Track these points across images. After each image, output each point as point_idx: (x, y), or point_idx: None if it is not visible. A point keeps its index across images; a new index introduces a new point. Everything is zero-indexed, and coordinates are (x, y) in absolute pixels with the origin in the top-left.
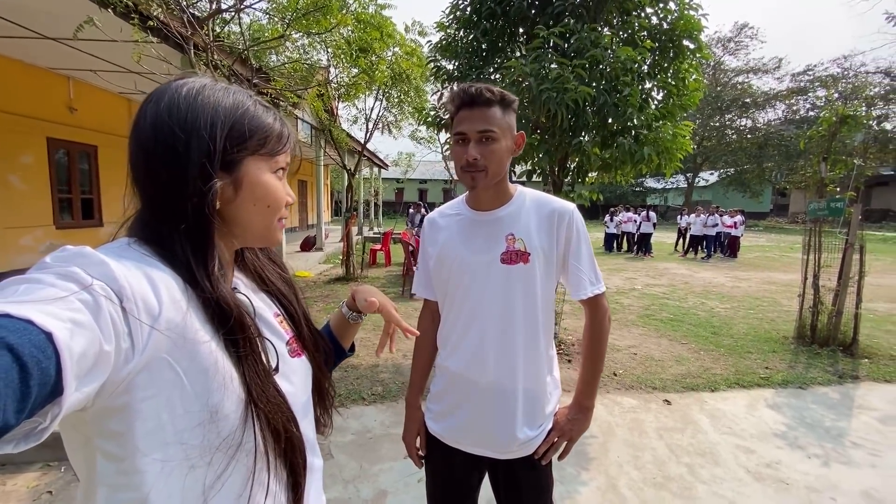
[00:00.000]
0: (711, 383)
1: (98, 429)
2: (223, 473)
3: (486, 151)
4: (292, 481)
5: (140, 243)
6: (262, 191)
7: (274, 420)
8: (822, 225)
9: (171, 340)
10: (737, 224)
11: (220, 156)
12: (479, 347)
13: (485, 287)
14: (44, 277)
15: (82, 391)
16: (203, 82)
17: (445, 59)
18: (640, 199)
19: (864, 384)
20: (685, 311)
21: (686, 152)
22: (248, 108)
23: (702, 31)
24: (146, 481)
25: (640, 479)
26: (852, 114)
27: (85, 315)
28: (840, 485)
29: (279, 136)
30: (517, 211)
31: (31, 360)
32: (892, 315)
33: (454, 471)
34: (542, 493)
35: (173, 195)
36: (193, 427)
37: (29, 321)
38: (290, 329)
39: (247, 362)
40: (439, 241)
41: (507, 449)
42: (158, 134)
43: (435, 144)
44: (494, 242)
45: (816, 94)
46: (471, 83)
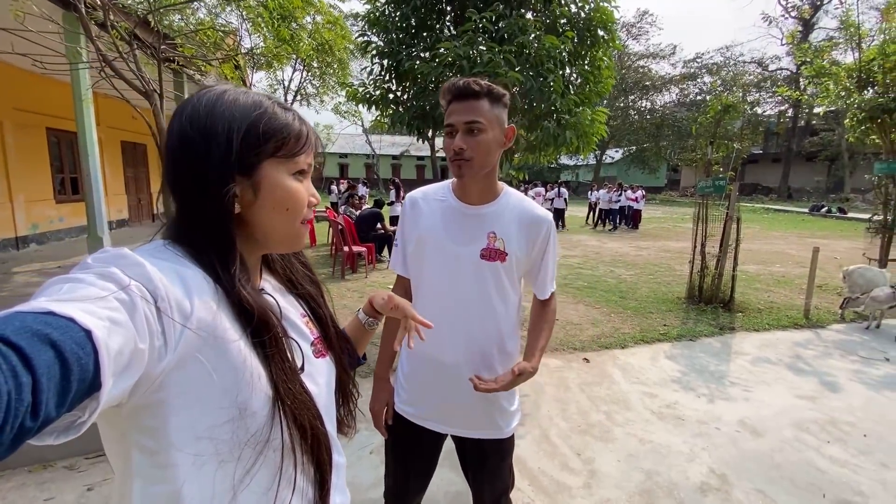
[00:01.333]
0: (621, 341)
1: (133, 423)
2: (252, 468)
3: (472, 142)
4: (319, 477)
5: (174, 244)
6: (281, 194)
7: (300, 417)
8: (708, 199)
9: (202, 339)
10: (638, 198)
11: (238, 159)
12: (452, 334)
13: (461, 278)
14: (85, 277)
15: (119, 387)
16: (224, 89)
17: (374, 34)
18: (555, 175)
19: (738, 334)
20: (597, 279)
21: (601, 136)
22: (265, 109)
23: (615, 23)
24: (179, 475)
25: (568, 428)
26: (734, 103)
27: (122, 314)
28: (722, 416)
29: (297, 136)
30: (501, 211)
31: (72, 357)
32: (759, 275)
33: (419, 446)
34: (506, 456)
35: (196, 198)
36: (223, 423)
37: (71, 319)
38: (315, 330)
39: (273, 361)
40: (421, 225)
41: (481, 429)
42: (182, 143)
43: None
44: (476, 237)
45: (704, 80)
46: (460, 77)
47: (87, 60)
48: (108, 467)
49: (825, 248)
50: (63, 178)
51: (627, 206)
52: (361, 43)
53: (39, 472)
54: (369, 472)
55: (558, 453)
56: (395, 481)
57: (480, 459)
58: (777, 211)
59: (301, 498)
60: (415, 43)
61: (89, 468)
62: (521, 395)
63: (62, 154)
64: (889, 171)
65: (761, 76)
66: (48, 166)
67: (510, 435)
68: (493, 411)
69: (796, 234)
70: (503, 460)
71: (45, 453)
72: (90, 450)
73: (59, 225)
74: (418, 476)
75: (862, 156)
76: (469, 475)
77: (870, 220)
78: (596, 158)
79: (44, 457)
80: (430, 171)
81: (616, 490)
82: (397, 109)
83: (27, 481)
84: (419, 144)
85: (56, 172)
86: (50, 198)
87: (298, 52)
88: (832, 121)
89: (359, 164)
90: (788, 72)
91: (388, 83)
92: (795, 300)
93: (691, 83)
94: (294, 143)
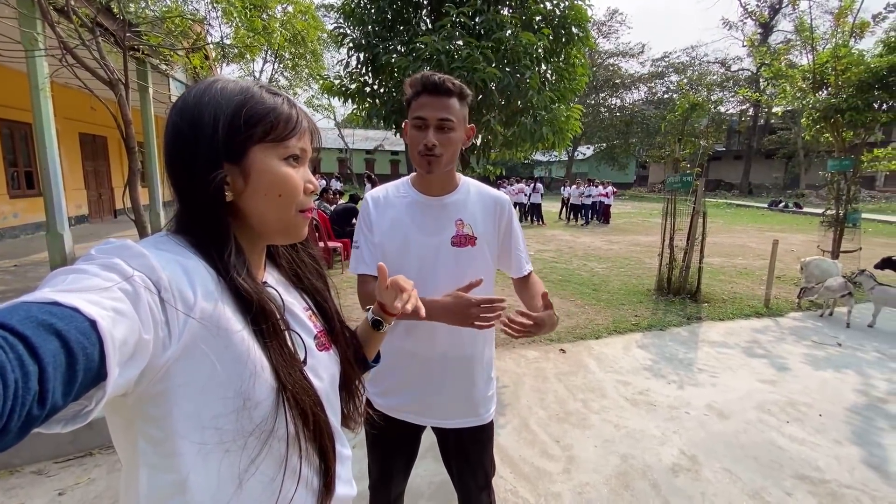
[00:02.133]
0: (595, 332)
1: (139, 413)
2: (257, 458)
3: (443, 139)
4: (323, 466)
5: (176, 235)
6: (270, 179)
7: (302, 402)
8: (676, 195)
9: (205, 329)
10: (608, 194)
11: (224, 145)
12: (430, 325)
13: (435, 267)
14: (89, 268)
15: (124, 377)
16: (215, 79)
17: (349, 26)
18: (528, 171)
19: (705, 323)
20: (571, 272)
21: (576, 132)
22: (251, 94)
23: (588, 21)
24: (185, 463)
25: (546, 417)
26: (700, 102)
27: (126, 304)
28: (692, 401)
29: (287, 119)
30: (464, 198)
31: (78, 346)
32: (723, 267)
33: (398, 438)
34: (487, 444)
35: (188, 187)
36: (228, 413)
37: (75, 309)
38: (319, 324)
39: (273, 349)
40: (387, 220)
41: (460, 417)
42: (174, 134)
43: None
44: (444, 226)
45: (671, 79)
46: (433, 72)
47: (44, 48)
48: (79, 471)
49: (783, 241)
50: (16, 172)
51: (598, 201)
52: (337, 35)
53: (6, 478)
54: (354, 464)
55: (538, 441)
56: (378, 472)
57: (462, 449)
58: (739, 206)
59: (306, 487)
60: (391, 36)
61: (59, 472)
62: (500, 386)
63: (16, 146)
64: (840, 168)
65: (724, 76)
66: (0, 160)
67: (489, 421)
68: (470, 399)
69: (756, 227)
70: (484, 448)
71: (10, 459)
72: (60, 454)
73: (14, 221)
74: (399, 466)
75: (816, 153)
76: (451, 466)
77: (823, 214)
78: (568, 155)
79: (9, 462)
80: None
81: (594, 474)
82: (374, 103)
83: None
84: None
85: (9, 166)
86: (3, 192)
87: (271, 43)
88: (789, 120)
89: (331, 159)
90: (749, 72)
91: (365, 76)
92: (756, 290)
93: (659, 82)
94: (283, 127)
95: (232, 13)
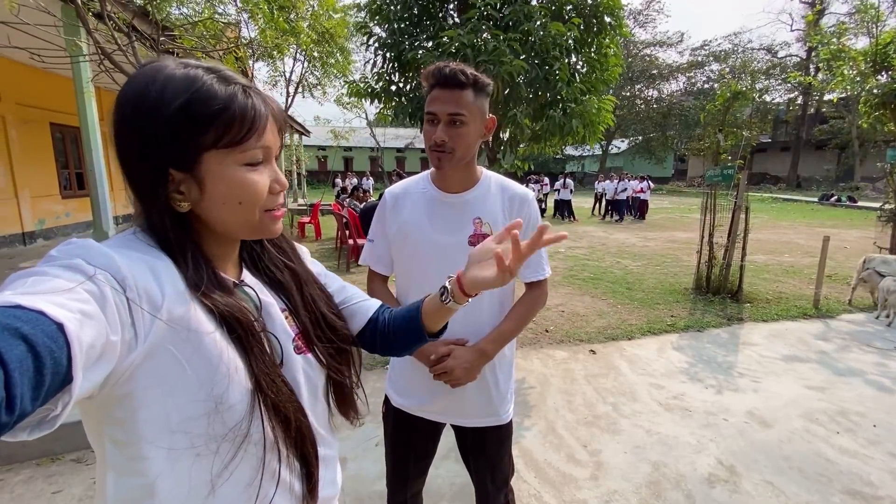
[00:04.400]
0: (628, 333)
1: (104, 415)
2: (231, 463)
3: (454, 134)
4: (305, 471)
5: (142, 233)
6: (228, 188)
7: (284, 409)
8: (716, 189)
9: (173, 331)
10: (644, 189)
11: (169, 153)
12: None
13: (452, 268)
14: (50, 270)
15: (90, 380)
16: (159, 66)
17: (376, 24)
18: (560, 166)
19: (747, 325)
20: (604, 270)
21: (608, 125)
22: (198, 88)
23: (622, 9)
24: (152, 468)
25: (574, 420)
26: (743, 90)
27: (92, 306)
28: (731, 407)
29: (242, 119)
30: (484, 195)
31: (45, 350)
32: (768, 265)
33: (417, 436)
34: (504, 443)
35: (140, 197)
36: (198, 416)
37: (41, 312)
38: (295, 325)
39: (252, 354)
40: (403, 217)
41: (479, 417)
42: (117, 131)
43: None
44: (462, 225)
45: (711, 69)
46: (446, 63)
47: (87, 53)
48: None
49: (835, 237)
50: (68, 174)
51: (634, 196)
52: (363, 33)
53: (47, 466)
54: (375, 464)
55: (564, 445)
56: (395, 469)
57: (480, 448)
58: (786, 200)
59: (287, 492)
60: (417, 33)
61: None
62: (526, 387)
63: (66, 149)
64: None
65: (770, 63)
66: (53, 161)
67: (508, 420)
68: (489, 399)
69: (805, 223)
70: (502, 447)
71: (52, 447)
72: None
73: (66, 220)
74: (417, 464)
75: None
76: (470, 464)
77: (881, 208)
78: (602, 149)
79: (51, 450)
80: None
81: (623, 482)
82: (400, 101)
83: (35, 474)
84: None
85: (61, 168)
86: (56, 193)
87: (300, 42)
88: (843, 108)
89: (363, 157)
90: (798, 58)
91: (391, 75)
92: (805, 290)
93: (699, 71)
94: (238, 129)
95: (257, 13)
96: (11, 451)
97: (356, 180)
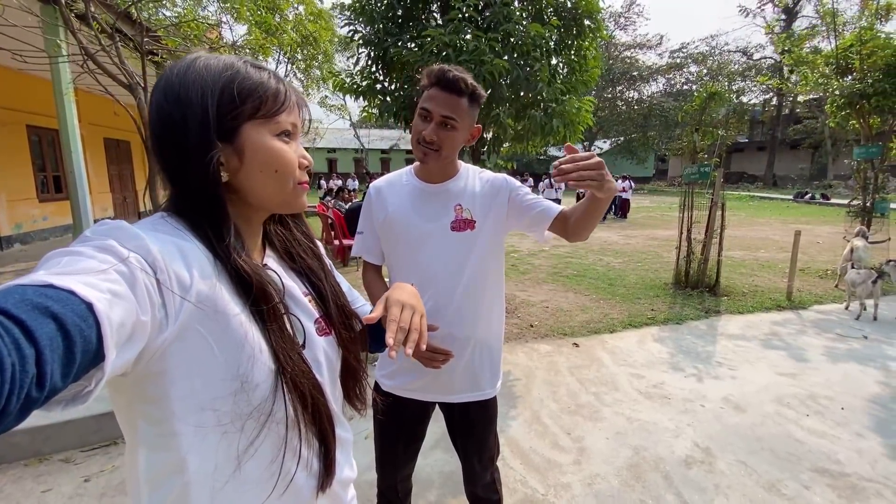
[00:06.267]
0: (610, 326)
1: (138, 393)
2: (255, 440)
3: (443, 135)
4: (323, 449)
5: (172, 216)
6: (265, 156)
7: (301, 385)
8: (694, 187)
9: (202, 312)
10: (625, 189)
11: (216, 124)
12: (433, 309)
13: (436, 253)
14: (84, 250)
15: (122, 358)
16: (195, 56)
17: (360, 23)
18: (544, 167)
19: (724, 317)
20: (586, 267)
21: (587, 125)
22: (237, 70)
23: (600, 13)
24: (182, 444)
25: (558, 410)
26: (719, 91)
27: (122, 287)
28: (707, 394)
29: (275, 95)
30: (464, 184)
31: (74, 329)
32: (744, 260)
33: (406, 418)
34: (490, 423)
35: (182, 171)
36: (225, 395)
37: (71, 291)
38: (318, 307)
39: (273, 332)
40: (388, 208)
41: (465, 392)
42: (160, 116)
43: (346, 112)
44: (444, 211)
45: (690, 70)
46: (451, 67)
47: (67, 54)
48: (104, 460)
49: (808, 232)
50: (45, 177)
51: (616, 196)
52: (348, 32)
53: (35, 466)
54: (365, 455)
55: (549, 433)
56: (384, 453)
57: (467, 425)
58: (762, 198)
59: (306, 469)
60: (400, 32)
61: (85, 460)
62: (512, 380)
63: (44, 152)
64: (867, 155)
65: (746, 65)
66: (30, 165)
67: (493, 396)
68: (476, 375)
69: (781, 220)
70: (489, 425)
71: (39, 447)
72: (86, 443)
73: (43, 224)
74: (407, 447)
75: (845, 143)
76: (458, 443)
77: (849, 204)
78: (584, 149)
79: (39, 450)
80: None
81: (605, 465)
82: (385, 100)
83: (24, 475)
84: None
85: (38, 171)
86: (33, 196)
87: (282, 44)
88: (815, 108)
89: (348, 159)
90: (772, 60)
91: (376, 73)
92: (779, 284)
93: (678, 73)
94: (272, 103)
95: (244, 12)
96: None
97: (340, 182)
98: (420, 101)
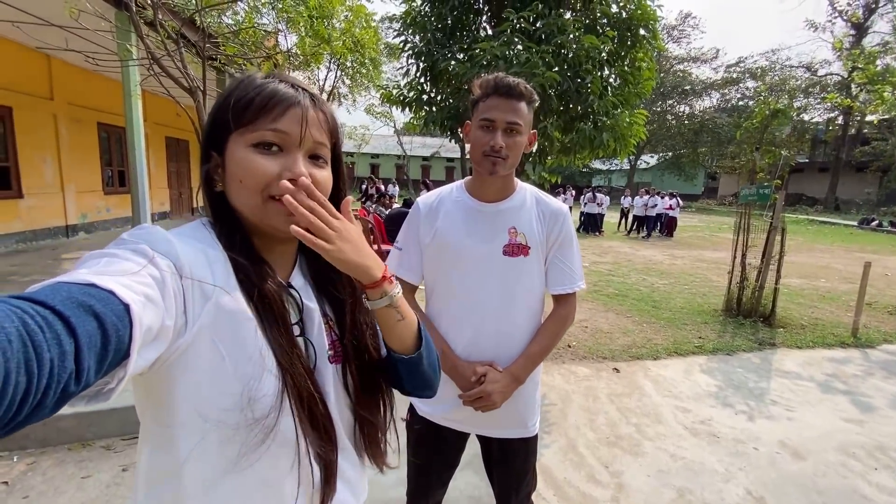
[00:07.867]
0: (653, 352)
1: (148, 393)
2: (256, 450)
3: (510, 142)
4: (323, 465)
5: (210, 224)
6: (233, 166)
7: (309, 404)
8: (751, 208)
9: (218, 321)
10: (673, 206)
11: (211, 135)
12: (477, 334)
13: (486, 277)
14: (120, 252)
15: (144, 358)
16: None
17: (411, 34)
18: (587, 179)
19: (780, 350)
20: (629, 287)
21: (639, 139)
22: (242, 83)
23: (657, 22)
24: (182, 448)
25: (596, 439)
26: (782, 108)
27: (154, 291)
28: (761, 436)
29: (260, 103)
30: (519, 205)
31: (112, 328)
32: (803, 289)
33: (442, 446)
34: (531, 456)
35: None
36: (230, 405)
37: (111, 292)
38: (334, 334)
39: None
40: (437, 226)
41: (508, 428)
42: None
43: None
44: (497, 234)
45: (747, 86)
46: (506, 75)
47: (136, 58)
48: None
49: (876, 263)
50: (111, 171)
51: (663, 213)
52: (399, 43)
53: (78, 451)
54: (391, 471)
55: (585, 464)
56: (418, 480)
57: (506, 459)
58: (823, 223)
59: (306, 483)
60: (451, 44)
61: (125, 449)
62: (547, 403)
63: (111, 148)
64: None
65: (809, 81)
66: (98, 159)
67: (535, 433)
68: (518, 410)
69: (843, 247)
70: (528, 460)
71: (83, 432)
72: (127, 431)
73: (107, 215)
74: (441, 474)
75: None
76: (493, 476)
77: None
78: (630, 163)
79: (82, 436)
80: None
81: None
82: (431, 111)
83: (66, 458)
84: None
85: (105, 165)
86: (99, 189)
87: (333, 50)
88: (886, 130)
89: (390, 165)
90: (839, 77)
91: (423, 84)
92: (842, 317)
93: (733, 88)
94: (252, 112)
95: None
96: (46, 434)
97: (382, 187)
98: (476, 113)
